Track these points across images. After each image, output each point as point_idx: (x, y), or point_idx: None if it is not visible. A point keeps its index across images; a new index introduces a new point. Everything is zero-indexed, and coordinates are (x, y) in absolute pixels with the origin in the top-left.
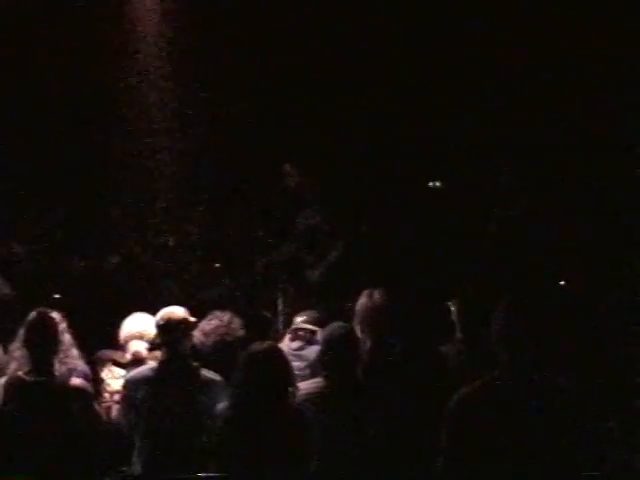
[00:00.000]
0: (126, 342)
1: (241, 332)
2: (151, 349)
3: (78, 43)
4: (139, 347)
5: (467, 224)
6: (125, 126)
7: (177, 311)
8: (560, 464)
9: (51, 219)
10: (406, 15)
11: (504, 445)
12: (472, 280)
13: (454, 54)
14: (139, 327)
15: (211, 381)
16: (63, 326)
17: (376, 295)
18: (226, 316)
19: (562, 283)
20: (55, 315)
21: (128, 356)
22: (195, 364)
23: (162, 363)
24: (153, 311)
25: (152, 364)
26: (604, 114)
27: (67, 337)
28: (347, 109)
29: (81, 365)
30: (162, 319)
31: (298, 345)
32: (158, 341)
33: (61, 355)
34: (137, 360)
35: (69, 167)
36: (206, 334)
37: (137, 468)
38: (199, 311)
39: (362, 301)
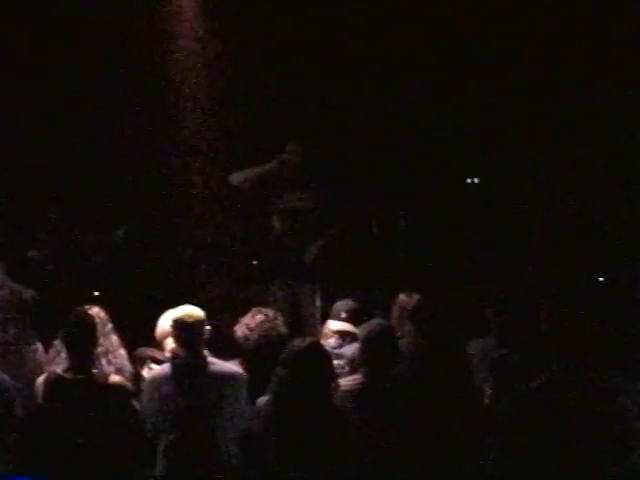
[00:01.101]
0: (162, 340)
1: (285, 329)
2: None
3: (113, 42)
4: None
5: (505, 222)
6: (159, 121)
7: (192, 309)
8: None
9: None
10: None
11: (559, 447)
12: (509, 278)
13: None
14: None
15: (230, 375)
16: (110, 327)
17: (417, 296)
18: (270, 312)
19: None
20: (102, 314)
21: (167, 354)
22: (210, 359)
23: (178, 361)
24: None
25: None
26: None
27: (114, 338)
28: (389, 99)
29: (127, 365)
30: (177, 317)
31: (337, 343)
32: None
33: (109, 356)
34: (176, 357)
35: (103, 166)
36: (251, 329)
37: (160, 468)
38: (237, 308)
39: (403, 300)
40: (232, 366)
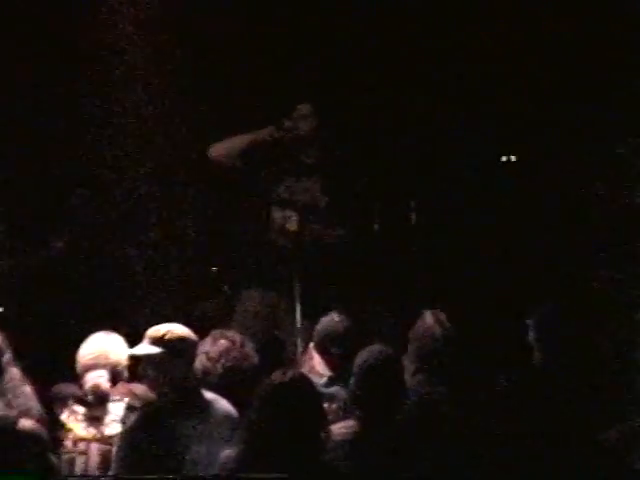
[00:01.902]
0: (82, 373)
1: (256, 358)
2: (114, 380)
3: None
4: (97, 379)
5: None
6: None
7: (176, 328)
8: None
9: None
10: None
11: None
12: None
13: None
14: (94, 351)
15: (233, 416)
16: (8, 357)
17: (428, 317)
18: (237, 336)
19: None
20: None
21: (87, 390)
22: (207, 395)
23: (165, 396)
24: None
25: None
26: None
27: (14, 370)
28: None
29: (35, 406)
30: (157, 338)
31: (328, 382)
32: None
33: (9, 395)
34: (98, 397)
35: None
36: (212, 359)
37: None
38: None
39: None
40: (226, 402)
